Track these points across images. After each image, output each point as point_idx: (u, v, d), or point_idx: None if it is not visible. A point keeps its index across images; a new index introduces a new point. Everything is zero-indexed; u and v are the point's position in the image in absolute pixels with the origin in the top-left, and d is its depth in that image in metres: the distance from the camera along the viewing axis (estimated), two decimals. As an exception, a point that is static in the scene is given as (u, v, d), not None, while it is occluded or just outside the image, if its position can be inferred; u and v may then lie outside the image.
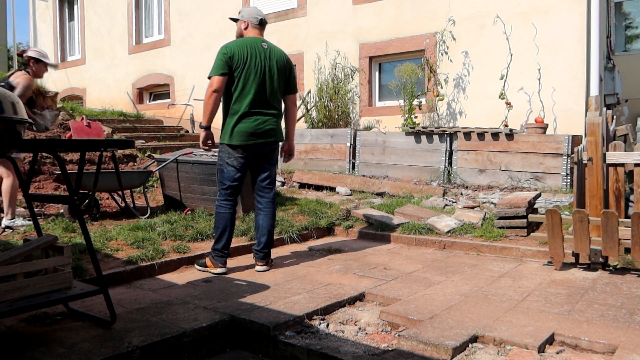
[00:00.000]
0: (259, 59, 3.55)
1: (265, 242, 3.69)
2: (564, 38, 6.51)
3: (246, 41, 3.59)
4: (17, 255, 2.31)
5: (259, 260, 3.70)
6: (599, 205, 3.61)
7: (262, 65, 3.56)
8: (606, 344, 2.30)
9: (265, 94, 3.57)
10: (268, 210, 3.72)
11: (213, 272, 3.58)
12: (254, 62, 3.53)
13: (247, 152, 3.58)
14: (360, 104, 8.32)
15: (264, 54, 3.58)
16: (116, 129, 8.27)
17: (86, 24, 12.77)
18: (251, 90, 3.52)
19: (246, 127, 3.52)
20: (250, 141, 3.54)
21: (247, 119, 3.52)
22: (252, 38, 3.64)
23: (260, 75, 3.54)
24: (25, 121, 2.38)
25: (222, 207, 3.64)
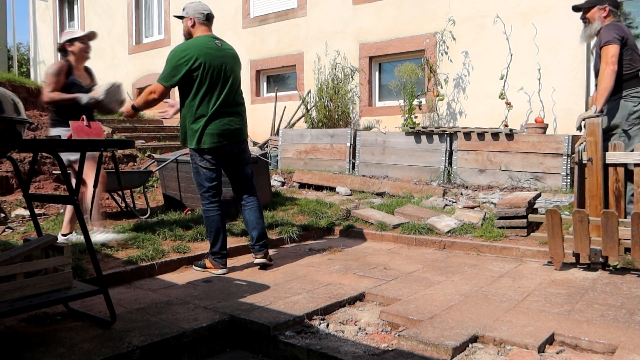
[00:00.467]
0: (216, 59, 3.47)
1: (257, 235, 3.66)
2: (564, 38, 6.51)
3: (200, 42, 3.51)
4: (17, 255, 2.31)
5: (257, 252, 3.68)
6: (599, 205, 3.61)
7: (221, 65, 3.48)
8: (606, 344, 2.30)
9: (230, 94, 3.53)
10: (252, 203, 3.71)
11: (215, 273, 3.57)
12: (213, 63, 3.45)
13: (217, 154, 3.55)
14: (360, 104, 8.33)
15: (220, 52, 3.52)
16: (116, 129, 8.27)
17: (86, 24, 12.77)
18: (215, 92, 3.47)
19: (214, 129, 3.47)
20: (219, 143, 3.50)
21: (214, 121, 3.47)
22: (205, 37, 3.55)
23: (222, 75, 3.48)
24: (26, 121, 2.38)
25: (209, 210, 3.62)
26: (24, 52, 18.66)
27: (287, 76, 9.68)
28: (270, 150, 8.23)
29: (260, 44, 9.56)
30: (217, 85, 3.48)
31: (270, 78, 9.87)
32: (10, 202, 5.20)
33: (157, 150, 7.64)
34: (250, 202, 3.72)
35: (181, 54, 3.46)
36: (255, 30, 9.61)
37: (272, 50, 9.40)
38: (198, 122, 3.47)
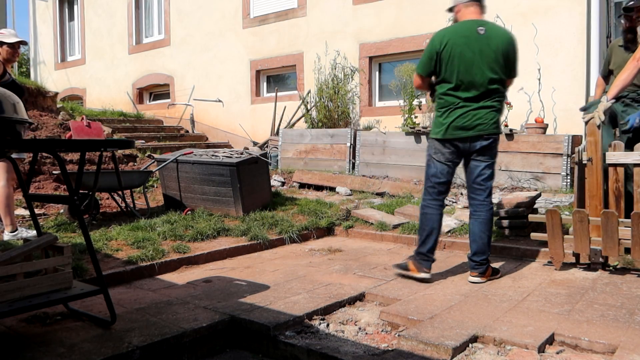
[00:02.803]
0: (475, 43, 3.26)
1: (476, 249, 3.33)
2: (564, 38, 6.51)
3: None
4: (17, 255, 2.31)
5: (473, 269, 3.36)
6: (599, 205, 3.61)
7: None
8: (606, 344, 2.30)
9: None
10: (482, 214, 3.36)
11: (416, 276, 3.33)
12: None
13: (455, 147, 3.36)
14: (360, 104, 8.32)
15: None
16: (116, 129, 8.27)
17: (86, 24, 12.77)
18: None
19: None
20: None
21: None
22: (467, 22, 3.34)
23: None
24: (26, 121, 2.38)
25: (429, 207, 3.42)
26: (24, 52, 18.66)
27: (287, 76, 9.68)
28: (270, 150, 8.23)
29: (260, 44, 9.55)
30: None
31: (270, 78, 9.87)
32: (10, 202, 5.20)
33: (157, 150, 7.64)
34: (476, 212, 3.39)
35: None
36: (255, 30, 9.61)
37: (272, 50, 9.40)
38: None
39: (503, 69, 3.28)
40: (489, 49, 3.23)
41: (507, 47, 3.28)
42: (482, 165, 3.36)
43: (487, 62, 3.22)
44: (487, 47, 3.23)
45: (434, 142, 3.38)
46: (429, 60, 3.30)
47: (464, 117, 3.24)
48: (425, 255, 3.38)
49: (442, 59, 3.25)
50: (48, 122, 6.93)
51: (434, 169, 3.39)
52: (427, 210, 3.41)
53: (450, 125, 3.27)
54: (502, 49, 3.25)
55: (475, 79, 3.22)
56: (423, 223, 3.42)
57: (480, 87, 3.23)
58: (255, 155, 5.37)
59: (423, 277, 3.34)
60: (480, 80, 3.22)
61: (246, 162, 5.11)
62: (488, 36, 3.24)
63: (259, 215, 4.97)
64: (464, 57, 3.21)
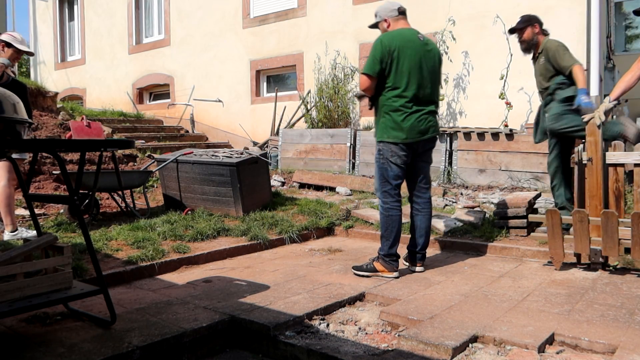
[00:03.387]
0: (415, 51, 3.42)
1: (423, 243, 3.59)
2: (564, 38, 6.44)
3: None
4: (17, 255, 2.31)
5: (418, 261, 3.61)
6: (599, 205, 3.61)
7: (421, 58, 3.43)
8: (606, 344, 2.30)
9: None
10: (427, 210, 3.62)
11: (388, 276, 3.44)
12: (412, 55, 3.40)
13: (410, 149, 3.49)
14: (360, 104, 8.33)
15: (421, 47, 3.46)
16: (116, 129, 8.27)
17: (86, 24, 12.77)
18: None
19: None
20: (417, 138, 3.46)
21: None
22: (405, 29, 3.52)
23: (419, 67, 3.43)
24: (25, 121, 2.38)
25: (395, 209, 3.48)
26: (24, 52, 18.63)
27: (287, 76, 9.68)
28: (270, 150, 8.23)
29: (260, 44, 9.56)
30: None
31: (270, 78, 9.87)
32: (10, 202, 5.20)
33: (157, 150, 7.64)
34: (424, 208, 3.62)
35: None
36: (255, 30, 9.61)
37: (272, 50, 9.40)
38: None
39: (439, 77, 3.59)
40: (430, 56, 3.46)
41: (440, 57, 3.61)
42: (428, 167, 3.64)
43: (429, 69, 3.45)
44: (429, 55, 3.46)
45: (391, 146, 3.43)
46: (379, 62, 3.36)
47: (420, 121, 3.41)
48: (395, 255, 3.49)
49: (393, 62, 3.35)
50: (48, 122, 6.93)
51: (392, 172, 3.46)
52: (393, 212, 3.48)
53: (410, 129, 3.38)
54: (437, 58, 3.55)
55: (423, 84, 3.41)
56: (390, 225, 3.48)
57: (427, 92, 3.45)
58: (255, 155, 5.37)
59: (394, 276, 3.45)
60: (427, 85, 3.44)
61: (246, 162, 5.11)
62: (427, 44, 3.48)
63: (259, 215, 4.98)
64: (412, 62, 3.36)
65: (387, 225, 3.48)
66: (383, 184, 3.48)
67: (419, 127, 3.40)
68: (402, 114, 3.37)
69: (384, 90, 3.42)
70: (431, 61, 3.46)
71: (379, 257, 3.50)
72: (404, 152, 3.43)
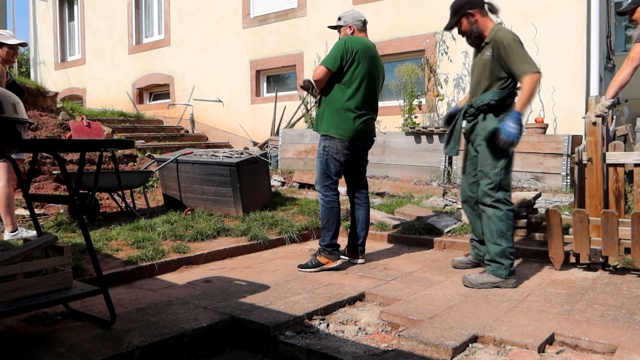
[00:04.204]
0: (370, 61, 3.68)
1: (364, 236, 3.87)
2: (564, 38, 6.51)
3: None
4: (17, 255, 2.31)
5: (360, 253, 3.87)
6: (598, 205, 3.61)
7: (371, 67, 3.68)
8: (606, 344, 2.30)
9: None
10: (367, 205, 3.89)
11: (332, 266, 3.67)
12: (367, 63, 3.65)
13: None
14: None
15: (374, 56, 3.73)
16: (116, 129, 8.27)
17: (86, 24, 12.77)
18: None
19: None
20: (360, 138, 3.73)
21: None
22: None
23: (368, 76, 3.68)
24: (26, 121, 2.38)
25: (335, 201, 3.70)
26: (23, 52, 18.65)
27: (287, 76, 9.68)
28: (270, 150, 8.23)
29: (260, 44, 9.56)
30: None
31: (270, 78, 9.87)
32: (10, 202, 5.20)
33: (157, 150, 7.64)
34: (365, 203, 3.90)
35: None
36: (255, 30, 9.61)
37: (272, 50, 9.40)
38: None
39: (380, 90, 3.86)
40: (378, 69, 3.76)
41: (384, 73, 3.89)
42: (366, 165, 3.94)
43: (377, 80, 3.75)
44: (379, 67, 3.78)
45: (336, 143, 3.63)
46: (340, 59, 3.56)
47: (367, 124, 3.69)
48: (337, 245, 3.72)
49: (352, 63, 3.57)
50: (48, 122, 6.93)
51: (335, 168, 3.67)
52: (334, 205, 3.69)
53: (358, 130, 3.63)
54: (383, 73, 3.86)
55: (371, 91, 3.69)
56: (331, 217, 3.69)
57: (373, 99, 3.73)
58: (255, 155, 5.37)
59: (338, 265, 3.70)
60: (373, 94, 3.72)
61: (246, 162, 5.11)
62: (379, 58, 3.79)
63: (259, 215, 4.97)
64: (367, 70, 3.61)
65: (328, 217, 3.69)
66: (325, 179, 3.69)
67: (364, 129, 3.67)
68: (354, 115, 3.61)
69: (337, 87, 3.62)
70: (379, 74, 3.77)
71: (321, 250, 3.70)
72: (348, 150, 3.65)
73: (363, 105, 3.63)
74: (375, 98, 3.75)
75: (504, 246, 3.20)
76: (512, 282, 3.19)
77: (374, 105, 3.75)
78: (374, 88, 3.72)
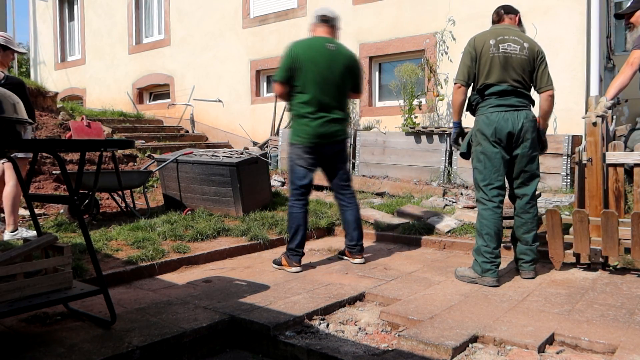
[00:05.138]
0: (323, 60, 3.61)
1: (357, 236, 3.84)
2: (564, 38, 6.51)
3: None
4: (17, 255, 2.31)
5: (357, 253, 3.87)
6: (598, 205, 3.61)
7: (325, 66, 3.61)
8: (606, 344, 2.30)
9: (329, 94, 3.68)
10: (354, 205, 3.85)
11: (288, 270, 3.64)
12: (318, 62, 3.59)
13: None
14: (360, 104, 8.32)
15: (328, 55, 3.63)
16: (116, 129, 8.27)
17: (86, 24, 12.76)
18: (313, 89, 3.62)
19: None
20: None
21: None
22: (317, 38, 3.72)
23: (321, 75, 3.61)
24: (25, 121, 2.38)
25: (295, 207, 3.70)
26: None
27: (287, 76, 9.66)
28: (270, 150, 8.22)
29: (260, 44, 9.55)
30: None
31: (271, 78, 9.86)
32: (10, 202, 5.20)
33: (157, 150, 7.64)
34: (350, 203, 3.85)
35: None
36: (255, 30, 9.61)
37: (272, 50, 9.39)
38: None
39: (349, 84, 3.72)
40: (337, 64, 3.63)
41: (352, 64, 3.73)
42: (344, 165, 3.85)
43: (335, 76, 3.61)
44: (336, 63, 3.62)
45: (296, 149, 3.67)
46: (286, 70, 3.58)
47: (323, 127, 3.60)
48: (295, 250, 3.68)
49: (297, 70, 3.55)
50: (48, 122, 6.93)
51: (297, 174, 3.69)
52: (294, 210, 3.70)
53: (312, 135, 3.60)
54: (347, 65, 3.68)
55: (327, 91, 3.59)
56: (290, 221, 3.71)
57: (331, 99, 3.62)
58: (255, 155, 5.37)
59: (293, 271, 3.63)
60: (330, 93, 3.61)
61: (246, 162, 5.11)
62: (337, 52, 3.65)
63: (259, 215, 4.97)
64: (315, 70, 3.54)
65: (290, 222, 3.72)
66: (290, 184, 3.75)
67: (320, 132, 3.60)
68: (306, 120, 3.59)
69: (295, 96, 3.63)
70: (339, 70, 3.62)
71: (285, 252, 3.74)
72: (308, 155, 3.65)
73: (319, 108, 3.58)
74: (334, 96, 3.63)
75: (478, 244, 3.36)
76: (488, 280, 3.25)
77: (332, 104, 3.63)
78: (332, 86, 3.61)
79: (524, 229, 3.43)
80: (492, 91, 3.33)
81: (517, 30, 3.46)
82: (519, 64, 3.31)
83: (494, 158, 3.31)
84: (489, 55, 3.33)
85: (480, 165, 3.38)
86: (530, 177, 3.39)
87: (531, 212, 3.42)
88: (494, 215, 3.32)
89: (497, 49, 3.33)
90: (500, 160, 3.32)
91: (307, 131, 3.60)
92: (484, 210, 3.35)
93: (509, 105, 3.31)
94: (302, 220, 3.69)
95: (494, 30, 3.46)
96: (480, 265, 3.30)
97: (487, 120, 3.31)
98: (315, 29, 3.74)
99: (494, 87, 3.32)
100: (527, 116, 3.33)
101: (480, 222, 3.36)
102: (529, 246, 3.41)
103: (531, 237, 3.41)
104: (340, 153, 3.80)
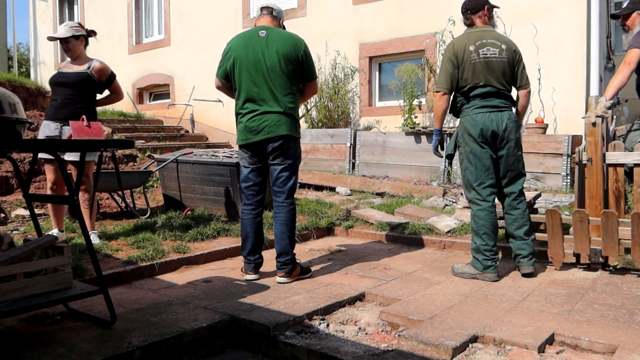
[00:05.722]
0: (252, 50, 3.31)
1: (279, 250, 3.37)
2: (564, 38, 6.51)
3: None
4: (17, 255, 2.31)
5: (279, 269, 3.38)
6: (598, 205, 3.61)
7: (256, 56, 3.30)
8: (606, 344, 2.30)
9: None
10: (282, 215, 3.39)
11: (243, 278, 3.46)
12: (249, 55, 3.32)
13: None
14: (360, 104, 8.33)
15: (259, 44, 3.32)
16: (116, 129, 8.27)
17: (86, 24, 12.74)
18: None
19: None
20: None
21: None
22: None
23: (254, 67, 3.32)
24: (25, 121, 2.38)
25: (244, 212, 3.46)
26: (23, 52, 18.67)
27: (287, 76, 9.66)
28: (270, 150, 8.22)
29: (260, 44, 9.55)
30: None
31: (270, 78, 9.85)
32: (10, 202, 5.20)
33: (157, 150, 7.64)
34: (277, 213, 3.42)
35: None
36: (255, 30, 9.61)
37: (272, 50, 9.39)
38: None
39: (291, 72, 3.30)
40: (270, 51, 3.26)
41: (289, 48, 3.29)
42: (279, 169, 3.36)
43: (268, 65, 3.25)
44: (268, 50, 3.26)
45: (239, 149, 3.43)
46: (220, 66, 3.39)
47: (252, 121, 3.27)
48: (246, 259, 3.46)
49: (231, 66, 3.32)
50: (48, 122, 6.92)
51: (242, 175, 3.48)
52: (243, 216, 3.46)
53: (243, 131, 3.33)
54: (283, 51, 3.26)
55: (257, 83, 3.26)
56: (241, 228, 3.48)
57: (263, 91, 3.26)
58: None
59: (248, 279, 3.42)
60: (262, 84, 3.25)
61: (246, 162, 5.11)
62: (270, 39, 3.29)
63: (259, 215, 4.97)
64: (247, 62, 3.26)
65: (240, 229, 3.50)
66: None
67: (250, 127, 3.28)
68: (239, 117, 3.36)
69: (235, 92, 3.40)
70: (272, 57, 3.25)
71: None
72: (247, 154, 3.39)
73: (249, 100, 3.28)
74: (268, 88, 3.24)
75: (477, 244, 3.41)
76: (490, 275, 3.35)
77: (264, 96, 3.25)
78: (264, 76, 3.24)
79: (516, 224, 3.50)
80: (477, 93, 3.43)
81: (492, 31, 3.57)
82: (499, 67, 3.43)
83: (483, 157, 3.41)
84: (471, 61, 3.42)
85: (470, 166, 3.45)
86: (517, 175, 3.50)
87: (520, 207, 3.50)
88: (489, 215, 3.41)
89: (478, 54, 3.43)
90: (490, 159, 3.43)
91: (240, 128, 3.35)
92: (479, 210, 3.43)
93: (493, 107, 3.42)
94: (251, 227, 3.39)
95: (471, 34, 3.53)
96: (481, 262, 3.37)
97: (473, 122, 3.41)
98: (256, 21, 3.46)
99: (478, 89, 3.42)
100: (510, 117, 3.44)
101: (477, 223, 3.42)
102: (524, 240, 3.47)
103: (524, 232, 3.48)
104: (278, 152, 3.31)
